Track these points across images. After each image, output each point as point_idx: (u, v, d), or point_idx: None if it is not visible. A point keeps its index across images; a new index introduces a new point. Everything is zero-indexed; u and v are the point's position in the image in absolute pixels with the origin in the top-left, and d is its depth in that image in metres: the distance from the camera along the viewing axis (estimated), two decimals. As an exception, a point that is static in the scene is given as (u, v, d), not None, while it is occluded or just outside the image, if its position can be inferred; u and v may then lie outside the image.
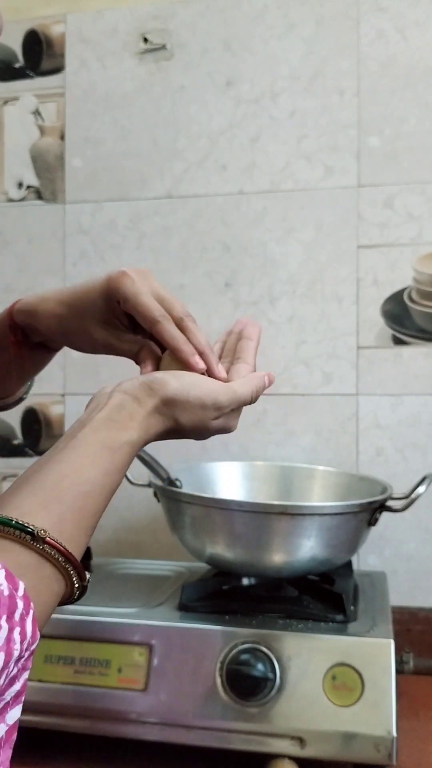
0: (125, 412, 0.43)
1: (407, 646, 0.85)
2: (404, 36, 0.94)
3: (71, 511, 0.38)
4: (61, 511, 0.37)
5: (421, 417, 0.94)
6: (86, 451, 0.41)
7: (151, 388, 0.45)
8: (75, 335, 0.53)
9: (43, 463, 0.40)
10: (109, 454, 0.41)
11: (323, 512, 0.69)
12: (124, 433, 0.42)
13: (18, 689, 0.33)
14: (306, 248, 0.97)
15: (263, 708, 0.62)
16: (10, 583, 0.32)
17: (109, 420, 0.43)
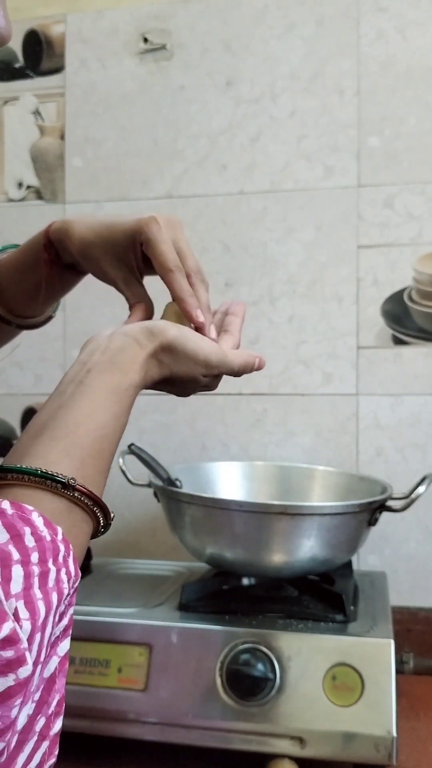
0: (127, 354, 0.44)
1: (407, 646, 0.85)
2: (404, 36, 0.94)
3: (90, 455, 0.39)
4: (82, 456, 0.39)
5: (421, 417, 0.94)
6: (96, 395, 0.42)
7: (152, 333, 0.46)
8: (93, 262, 0.54)
9: (55, 408, 0.41)
10: (117, 398, 0.42)
11: (323, 512, 0.69)
12: (127, 377, 0.43)
13: (66, 623, 0.35)
14: (306, 248, 0.97)
15: (263, 708, 0.62)
16: (50, 529, 0.34)
17: (111, 363, 0.44)
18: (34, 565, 0.32)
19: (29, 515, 0.34)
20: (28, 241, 0.57)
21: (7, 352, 0.65)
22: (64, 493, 0.37)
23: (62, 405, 0.41)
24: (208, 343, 0.49)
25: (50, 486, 0.36)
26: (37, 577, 0.32)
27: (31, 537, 0.33)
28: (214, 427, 0.98)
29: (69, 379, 0.43)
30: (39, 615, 0.32)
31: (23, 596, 0.31)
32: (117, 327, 0.48)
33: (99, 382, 0.42)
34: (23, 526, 0.33)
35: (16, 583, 0.31)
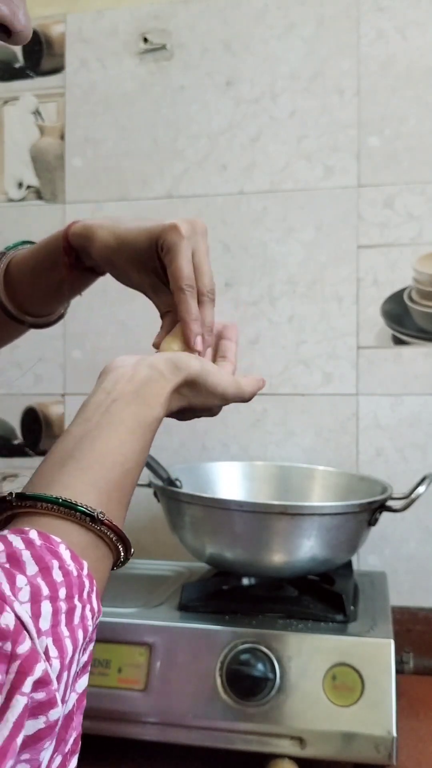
0: (153, 388, 0.44)
1: (407, 646, 0.85)
2: (404, 36, 0.94)
3: (116, 489, 0.39)
4: (108, 489, 0.39)
5: (421, 417, 0.94)
6: (123, 427, 0.42)
7: (177, 367, 0.46)
8: (118, 269, 0.54)
9: (81, 435, 0.41)
10: (142, 431, 0.42)
11: (323, 512, 0.69)
12: (152, 411, 0.44)
13: (85, 660, 0.35)
14: (306, 248, 0.97)
15: (263, 708, 0.62)
16: (76, 564, 0.34)
17: (137, 395, 0.43)
18: (61, 601, 0.32)
19: (57, 547, 0.34)
20: (44, 241, 0.57)
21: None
22: (91, 527, 0.37)
23: (88, 433, 0.41)
24: (225, 376, 0.50)
25: (78, 518, 0.36)
26: (64, 614, 0.32)
27: (59, 571, 0.33)
28: (214, 427, 0.98)
29: (94, 407, 0.43)
30: (66, 653, 0.32)
31: (51, 633, 0.31)
32: (140, 356, 0.47)
33: (125, 413, 0.42)
34: (51, 558, 0.33)
35: (45, 619, 0.31)
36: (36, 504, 0.36)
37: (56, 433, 1.04)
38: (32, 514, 0.36)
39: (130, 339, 1.02)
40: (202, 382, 0.47)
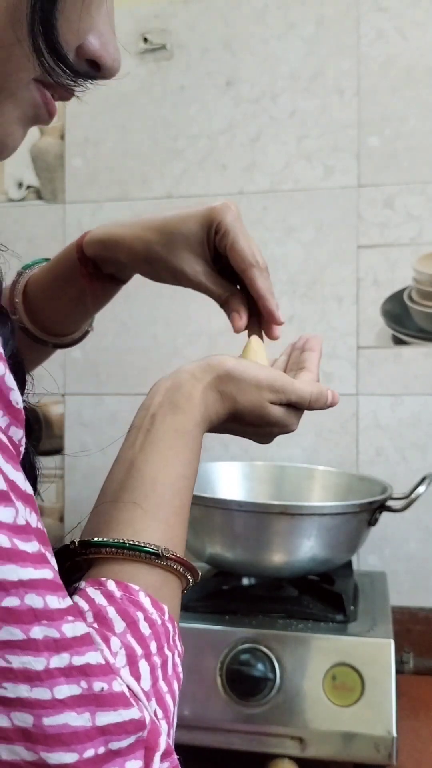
0: (184, 391, 0.43)
1: (407, 646, 0.85)
2: (404, 36, 0.94)
3: (173, 513, 0.39)
4: (166, 516, 0.38)
5: (421, 417, 0.94)
6: (164, 444, 0.41)
7: (209, 365, 0.44)
8: (160, 263, 0.51)
9: (128, 465, 0.40)
10: (184, 442, 0.41)
11: (323, 512, 0.69)
12: (188, 415, 0.42)
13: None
14: (306, 248, 0.97)
15: (263, 708, 0.62)
16: (158, 611, 0.34)
17: (171, 403, 0.42)
18: (155, 656, 0.32)
19: (137, 596, 0.33)
20: (58, 257, 0.55)
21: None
22: (159, 564, 0.36)
23: (134, 460, 0.40)
24: (270, 369, 0.47)
25: (145, 558, 0.36)
26: (159, 668, 0.32)
27: (145, 623, 0.32)
28: (214, 427, 0.98)
29: (136, 427, 0.42)
30: (170, 711, 0.31)
31: (154, 693, 0.31)
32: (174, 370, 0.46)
33: (164, 428, 0.41)
34: (135, 611, 0.32)
35: (145, 681, 0.30)
36: (100, 550, 0.36)
37: (56, 433, 1.04)
38: (100, 560, 0.36)
39: (130, 339, 1.02)
40: (239, 375, 0.44)
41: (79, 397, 1.03)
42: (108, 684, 0.27)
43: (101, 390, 1.03)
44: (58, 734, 0.25)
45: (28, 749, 0.25)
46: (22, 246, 1.05)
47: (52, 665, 0.26)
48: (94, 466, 1.03)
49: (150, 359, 1.01)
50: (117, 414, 1.03)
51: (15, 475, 0.27)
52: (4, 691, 0.25)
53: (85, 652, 0.27)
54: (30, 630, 0.25)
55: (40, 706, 0.25)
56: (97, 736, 0.26)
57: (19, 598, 0.25)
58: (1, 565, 0.25)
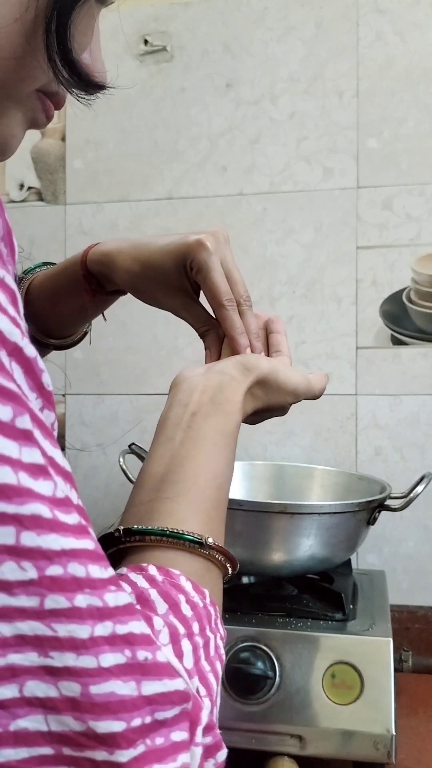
0: (226, 393, 0.44)
1: (406, 644, 0.85)
2: (403, 38, 0.95)
3: (213, 507, 0.40)
4: (207, 509, 0.39)
5: (420, 417, 0.94)
6: (207, 442, 0.42)
7: (247, 368, 0.46)
8: (145, 294, 0.53)
9: (168, 458, 0.41)
10: (225, 442, 0.43)
11: (322, 511, 0.69)
12: (231, 417, 0.44)
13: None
14: (305, 249, 0.98)
15: (263, 706, 0.63)
16: (199, 594, 0.34)
17: (213, 404, 0.43)
18: (197, 636, 0.32)
19: (178, 580, 0.34)
20: (61, 266, 0.56)
21: None
22: (201, 552, 0.37)
23: (175, 454, 0.41)
24: (294, 372, 0.50)
25: (187, 546, 0.36)
26: (202, 648, 0.32)
27: (187, 605, 0.33)
28: (214, 427, 0.98)
29: (174, 423, 0.43)
30: (213, 689, 0.32)
31: (196, 672, 0.31)
32: (205, 366, 0.48)
33: (206, 427, 0.42)
34: (177, 593, 0.33)
35: (188, 659, 0.31)
36: (144, 537, 0.36)
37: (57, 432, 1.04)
38: (142, 548, 0.36)
39: (130, 339, 1.02)
40: (273, 380, 0.47)
41: (79, 397, 1.03)
42: (152, 653, 0.28)
43: (102, 390, 1.03)
44: (105, 702, 0.25)
45: (77, 719, 0.25)
46: (23, 247, 1.05)
47: (96, 633, 0.26)
48: (95, 466, 1.03)
49: (150, 359, 1.02)
50: (118, 414, 1.03)
51: (53, 451, 0.27)
52: (51, 661, 0.25)
53: (127, 621, 0.27)
54: (74, 598, 0.25)
55: (87, 674, 0.25)
56: (143, 705, 0.26)
57: (62, 566, 0.25)
58: (43, 535, 0.25)
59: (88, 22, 0.36)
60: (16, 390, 0.25)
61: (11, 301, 0.27)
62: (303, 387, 0.50)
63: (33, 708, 0.24)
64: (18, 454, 0.24)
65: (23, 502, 0.24)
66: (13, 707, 0.24)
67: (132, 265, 0.52)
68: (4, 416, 0.24)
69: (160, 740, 0.27)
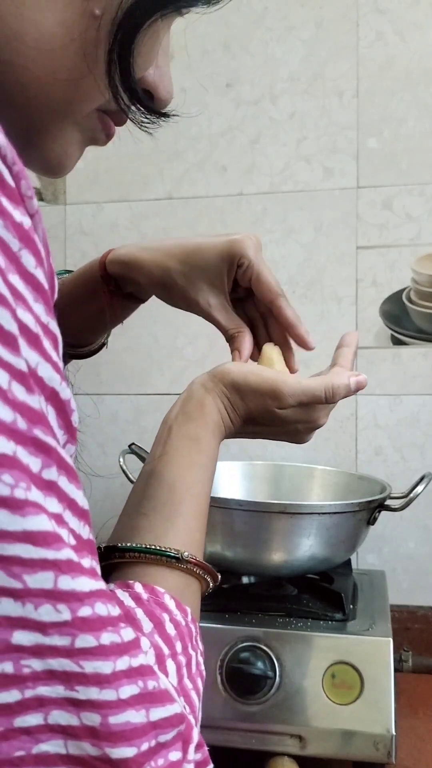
0: (194, 401, 0.45)
1: (406, 644, 0.85)
2: (403, 38, 0.95)
3: (192, 517, 0.40)
4: (185, 521, 0.40)
5: (420, 417, 0.94)
6: (180, 452, 0.43)
7: (214, 375, 0.47)
8: (176, 291, 0.52)
9: (147, 476, 0.42)
10: (197, 448, 0.43)
11: (322, 511, 0.69)
12: (200, 422, 0.44)
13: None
14: (305, 249, 0.98)
15: (263, 706, 0.63)
16: (182, 612, 0.35)
17: (183, 413, 0.45)
18: (180, 656, 0.33)
19: (162, 598, 0.35)
20: (79, 271, 0.56)
21: None
22: (179, 567, 0.38)
23: (153, 470, 0.42)
24: (274, 374, 0.48)
25: (165, 561, 0.37)
26: (185, 667, 0.33)
27: (170, 624, 0.34)
28: (214, 427, 0.98)
29: (157, 442, 0.44)
30: (196, 706, 0.33)
31: (180, 690, 0.32)
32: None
33: (178, 437, 0.43)
34: (161, 612, 0.34)
35: (172, 678, 0.32)
36: (124, 554, 0.37)
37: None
38: (124, 564, 0.37)
39: (130, 339, 1.02)
40: (243, 383, 0.46)
41: (79, 397, 1.03)
42: (156, 682, 0.29)
43: (102, 390, 1.03)
44: (121, 731, 0.27)
45: (94, 745, 0.26)
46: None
47: (117, 668, 0.27)
48: (95, 466, 1.03)
49: (150, 359, 1.02)
50: (118, 414, 1.03)
51: (75, 493, 0.28)
52: (76, 694, 0.26)
53: (137, 654, 0.28)
54: (100, 636, 0.26)
55: (108, 706, 0.26)
56: (150, 730, 0.28)
57: (91, 607, 0.26)
58: (76, 578, 0.26)
59: (155, 40, 0.34)
60: (49, 442, 0.26)
61: (53, 347, 0.28)
62: (286, 387, 0.46)
63: (54, 734, 0.26)
64: (43, 502, 0.25)
65: (60, 548, 0.25)
66: (37, 733, 0.26)
67: (162, 259, 0.51)
68: (34, 468, 0.25)
69: (161, 761, 0.28)
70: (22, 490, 0.24)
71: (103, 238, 1.03)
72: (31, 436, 0.25)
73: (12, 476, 0.24)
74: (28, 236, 0.26)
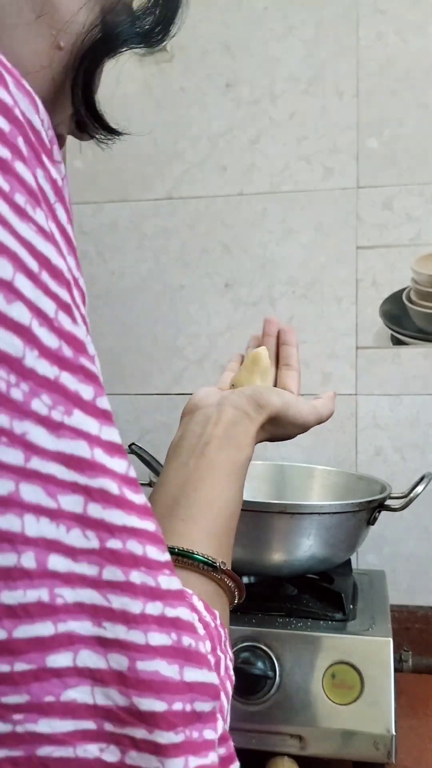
0: (240, 429, 0.46)
1: (406, 644, 0.85)
2: (403, 38, 0.95)
3: (225, 534, 0.41)
4: (218, 535, 0.40)
5: (420, 417, 0.94)
6: (220, 472, 0.43)
7: (260, 405, 0.48)
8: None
9: (182, 482, 0.43)
10: (236, 475, 0.44)
11: (322, 511, 0.69)
12: (243, 452, 0.46)
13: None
14: (305, 249, 0.98)
15: (263, 706, 0.63)
16: (211, 615, 0.35)
17: (227, 437, 0.46)
18: (209, 655, 0.32)
19: (191, 599, 0.34)
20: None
21: None
22: (212, 576, 0.38)
23: (188, 479, 0.43)
24: (304, 405, 0.52)
25: (200, 568, 0.37)
26: (213, 667, 0.32)
27: (200, 624, 0.32)
28: (214, 427, 0.98)
29: (188, 451, 0.45)
30: (225, 708, 0.32)
31: None
32: (220, 392, 0.50)
33: (220, 458, 0.44)
34: (191, 611, 0.32)
35: None
36: None
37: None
38: None
39: (130, 339, 1.02)
40: (283, 417, 0.49)
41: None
42: (195, 641, 0.28)
43: (101, 390, 1.03)
44: (150, 680, 0.26)
45: (122, 693, 0.25)
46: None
47: (147, 611, 0.26)
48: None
49: (150, 359, 1.02)
50: (117, 414, 1.03)
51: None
52: (103, 631, 0.25)
53: (177, 606, 0.28)
54: (130, 573, 0.26)
55: (135, 649, 0.26)
56: (185, 690, 0.27)
57: (122, 541, 0.26)
58: (108, 509, 0.26)
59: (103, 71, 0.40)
60: (98, 374, 0.27)
61: (81, 301, 0.29)
62: (313, 419, 0.52)
63: (83, 679, 0.25)
64: (97, 431, 0.26)
65: (94, 476, 0.25)
66: (66, 677, 0.25)
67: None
68: (86, 395, 0.26)
69: (196, 734, 0.27)
70: (59, 413, 0.24)
71: (103, 238, 1.03)
72: (78, 364, 0.25)
73: (50, 398, 0.24)
74: (61, 192, 0.28)
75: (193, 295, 1.00)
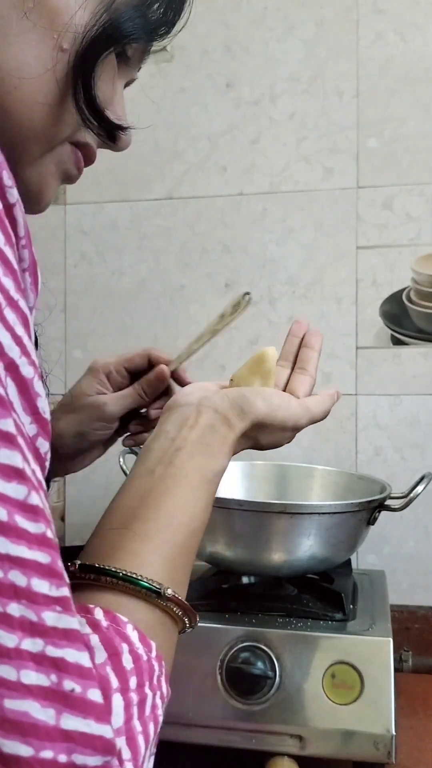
0: (217, 436, 0.43)
1: (406, 644, 0.85)
2: (403, 38, 0.95)
3: (182, 553, 0.38)
4: (174, 555, 0.37)
5: (420, 417, 0.94)
6: (187, 482, 0.40)
7: (243, 411, 0.44)
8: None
9: (144, 492, 0.39)
10: (207, 487, 0.41)
11: (322, 511, 0.69)
12: (217, 462, 0.42)
13: (154, 751, 0.33)
14: (305, 249, 0.98)
15: (263, 706, 0.63)
16: (145, 646, 0.32)
17: (202, 444, 0.42)
18: (132, 692, 0.30)
19: (124, 628, 0.32)
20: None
21: None
22: (157, 603, 0.35)
23: (152, 489, 0.39)
24: (295, 407, 0.48)
25: (143, 594, 0.34)
26: (136, 706, 0.30)
27: (129, 656, 0.31)
28: (214, 427, 0.98)
29: (158, 456, 0.41)
30: (140, 753, 0.29)
31: (125, 731, 0.29)
32: (206, 395, 0.45)
33: (189, 466, 0.40)
34: (120, 642, 0.31)
35: (117, 716, 0.28)
36: (99, 577, 0.34)
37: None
38: (94, 588, 0.34)
39: (130, 339, 1.02)
40: (270, 422, 0.46)
41: (79, 398, 1.03)
42: (82, 687, 0.26)
43: (101, 390, 1.03)
44: (17, 721, 0.24)
45: None
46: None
47: (23, 646, 0.25)
48: (95, 464, 1.03)
49: (150, 359, 1.02)
50: (117, 414, 1.03)
51: (36, 468, 0.27)
52: None
53: (63, 647, 0.26)
54: (7, 605, 0.25)
55: (5, 685, 0.24)
56: (59, 738, 0.25)
57: (3, 571, 0.25)
58: None
59: (110, 75, 0.41)
60: (3, 395, 0.25)
61: (22, 323, 0.27)
62: (305, 420, 0.49)
63: None
64: None
65: None
66: None
67: None
68: None
69: None
70: None
71: (103, 238, 1.04)
72: None
73: None
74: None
75: (193, 296, 1.00)
